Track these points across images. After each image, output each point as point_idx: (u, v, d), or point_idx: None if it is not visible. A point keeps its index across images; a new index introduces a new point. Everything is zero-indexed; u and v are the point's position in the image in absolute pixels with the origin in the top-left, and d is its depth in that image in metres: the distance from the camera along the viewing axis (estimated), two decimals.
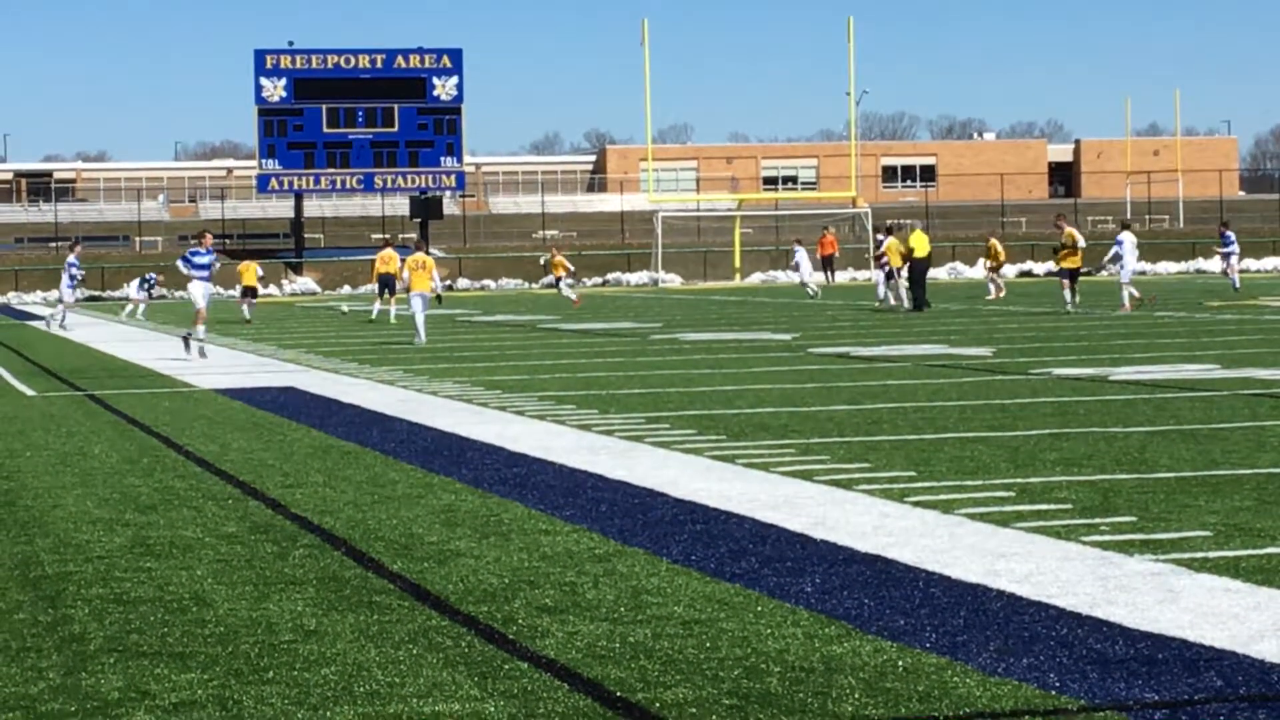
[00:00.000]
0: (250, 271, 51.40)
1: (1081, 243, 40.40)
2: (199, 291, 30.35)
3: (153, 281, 58.69)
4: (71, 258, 45.82)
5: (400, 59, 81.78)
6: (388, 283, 45.71)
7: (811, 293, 55.96)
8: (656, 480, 12.99)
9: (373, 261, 50.37)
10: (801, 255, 57.64)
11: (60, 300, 46.53)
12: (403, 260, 36.35)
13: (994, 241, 54.58)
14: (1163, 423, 16.13)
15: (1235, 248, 51.22)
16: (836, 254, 72.78)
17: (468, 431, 16.85)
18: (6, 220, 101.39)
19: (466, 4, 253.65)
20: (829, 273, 71.84)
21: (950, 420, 16.81)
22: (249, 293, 51.16)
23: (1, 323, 52.26)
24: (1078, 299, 39.83)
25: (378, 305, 46.65)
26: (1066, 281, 40.10)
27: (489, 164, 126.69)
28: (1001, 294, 50.72)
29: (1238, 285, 50.57)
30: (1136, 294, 40.80)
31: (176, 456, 15.40)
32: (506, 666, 7.40)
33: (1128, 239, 41.54)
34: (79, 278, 46.52)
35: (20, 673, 7.48)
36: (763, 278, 78.05)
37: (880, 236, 49.28)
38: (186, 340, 30.14)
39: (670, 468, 13.75)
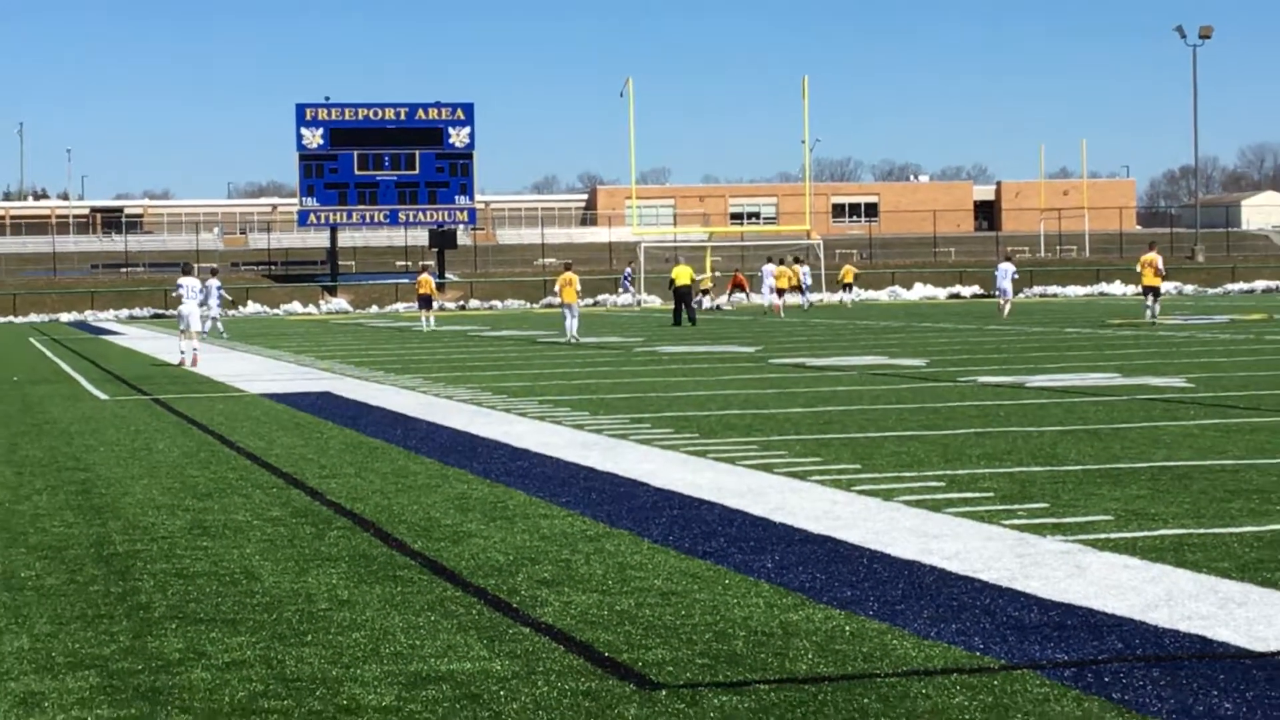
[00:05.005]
0: (427, 282, 49.19)
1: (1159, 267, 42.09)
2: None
3: (628, 276, 64.16)
4: (215, 281, 47.84)
5: (421, 111, 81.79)
6: (426, 300, 49.27)
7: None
8: (639, 472, 12.98)
9: (415, 284, 52.46)
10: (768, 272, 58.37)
11: (213, 317, 47.01)
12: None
13: (785, 268, 60.34)
14: (1071, 423, 16.14)
15: (808, 280, 63.19)
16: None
17: (478, 430, 16.82)
18: (85, 249, 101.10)
19: (478, 64, 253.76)
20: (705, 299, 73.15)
21: (890, 421, 16.80)
22: (425, 302, 48.89)
23: (80, 337, 52.08)
24: (1158, 310, 42.22)
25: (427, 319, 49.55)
26: (1149, 297, 41.79)
27: (496, 201, 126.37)
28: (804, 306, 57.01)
29: (806, 306, 61.24)
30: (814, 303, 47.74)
31: (229, 451, 15.37)
32: (511, 631, 7.39)
33: (767, 269, 50.16)
34: (227, 298, 50.10)
35: (95, 636, 7.47)
36: (724, 300, 77.93)
37: (768, 266, 57.41)
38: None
39: (651, 461, 13.73)
